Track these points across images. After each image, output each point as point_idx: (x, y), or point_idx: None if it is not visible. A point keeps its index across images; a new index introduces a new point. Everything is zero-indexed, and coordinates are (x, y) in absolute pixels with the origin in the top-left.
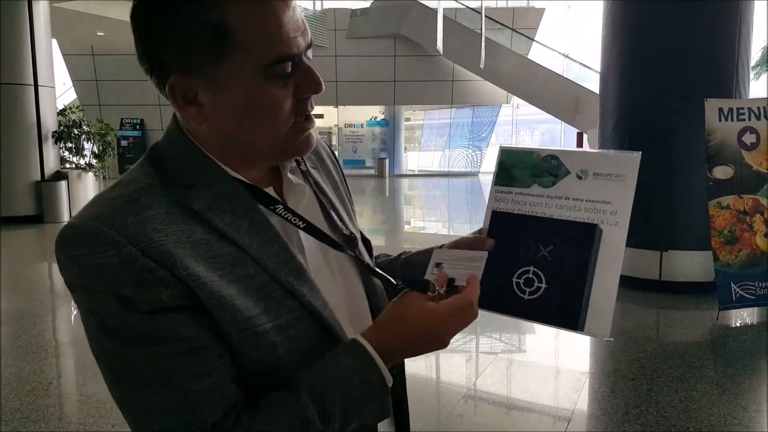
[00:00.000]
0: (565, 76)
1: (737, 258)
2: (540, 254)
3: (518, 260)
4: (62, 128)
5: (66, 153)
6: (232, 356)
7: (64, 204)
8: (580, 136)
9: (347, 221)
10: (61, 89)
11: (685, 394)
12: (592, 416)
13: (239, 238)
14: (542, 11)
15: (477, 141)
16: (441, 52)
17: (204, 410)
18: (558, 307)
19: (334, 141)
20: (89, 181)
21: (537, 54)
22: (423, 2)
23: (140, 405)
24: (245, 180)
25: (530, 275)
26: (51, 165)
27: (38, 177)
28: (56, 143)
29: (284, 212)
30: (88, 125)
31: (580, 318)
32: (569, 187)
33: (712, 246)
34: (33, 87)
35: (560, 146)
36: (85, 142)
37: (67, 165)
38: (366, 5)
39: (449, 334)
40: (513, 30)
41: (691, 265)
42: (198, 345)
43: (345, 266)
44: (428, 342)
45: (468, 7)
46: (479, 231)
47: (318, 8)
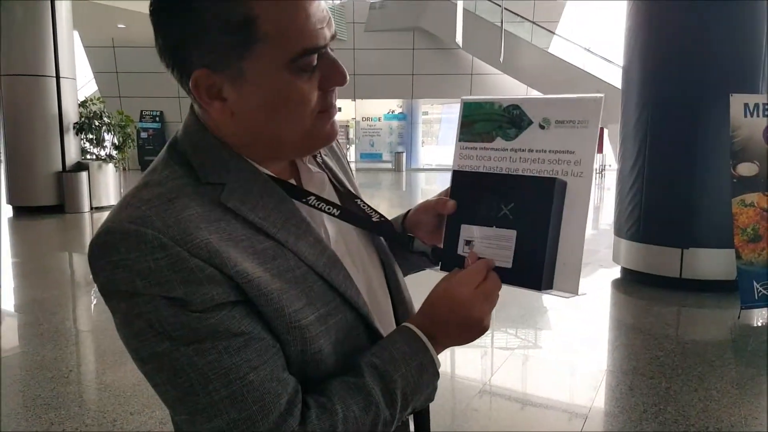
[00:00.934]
0: (586, 70)
1: (760, 256)
2: (501, 213)
3: (480, 221)
4: (83, 120)
5: (87, 144)
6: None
7: (85, 194)
8: (601, 131)
9: (365, 207)
10: (82, 81)
11: (705, 394)
12: (610, 414)
13: (276, 232)
14: (563, 4)
15: None
16: (460, 45)
17: (268, 399)
18: (520, 268)
19: (351, 134)
20: (109, 172)
21: (558, 47)
22: None
23: (204, 402)
24: (273, 174)
25: None
26: (72, 156)
27: (59, 168)
28: (77, 134)
29: (317, 202)
30: (109, 117)
31: (544, 277)
32: (532, 139)
33: (735, 244)
34: (55, 79)
35: None
36: (106, 134)
37: (88, 156)
38: None
39: (486, 317)
40: (533, 23)
41: (713, 263)
42: (252, 337)
43: (364, 255)
44: (470, 327)
45: (488, 0)
46: (445, 192)
47: (337, 1)
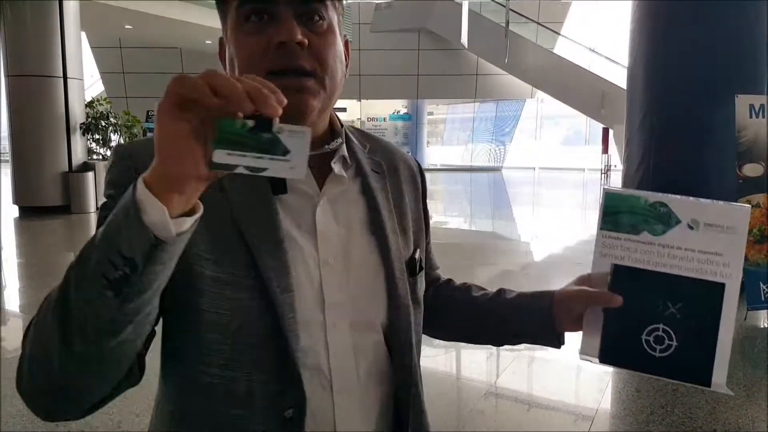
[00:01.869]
0: (591, 71)
1: (767, 257)
2: (669, 311)
3: (647, 317)
4: (90, 120)
5: (93, 144)
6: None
7: (91, 195)
8: (606, 132)
9: (395, 232)
10: (89, 81)
11: (712, 396)
12: (617, 416)
13: (229, 188)
14: (569, 5)
15: (500, 135)
16: (465, 46)
17: None
18: (691, 365)
19: None
20: None
21: (563, 48)
22: None
23: None
24: None
25: (660, 333)
26: (79, 156)
27: (66, 168)
28: (84, 135)
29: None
30: (115, 117)
31: (713, 374)
32: (681, 237)
33: None
34: (62, 79)
35: (585, 140)
36: (112, 134)
37: (94, 156)
38: None
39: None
40: (539, 24)
41: None
42: None
43: (371, 268)
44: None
45: (493, 0)
46: (587, 277)
47: (343, 2)
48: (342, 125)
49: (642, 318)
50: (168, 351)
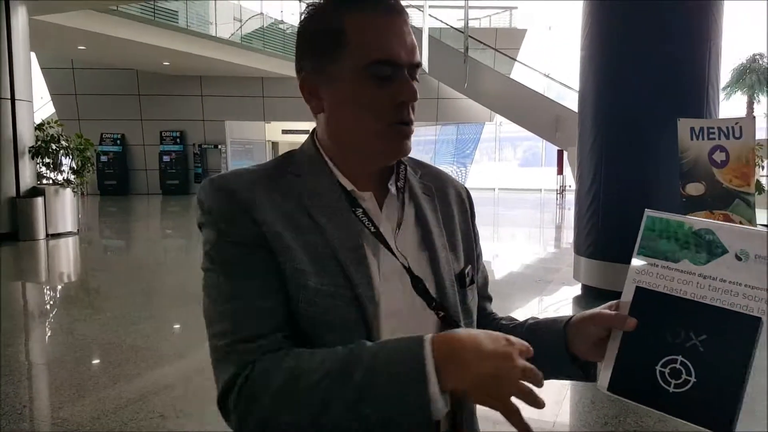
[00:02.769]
0: (546, 95)
1: None
2: (690, 343)
3: (664, 347)
4: (39, 143)
5: (43, 168)
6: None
7: (41, 221)
8: (561, 154)
9: (444, 248)
10: (39, 103)
11: None
12: (573, 427)
13: (319, 218)
14: (524, 32)
15: (461, 157)
16: (426, 71)
17: (253, 322)
18: (708, 407)
19: None
20: (67, 198)
21: (519, 73)
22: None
23: (214, 311)
24: (341, 178)
25: (678, 365)
26: (27, 181)
27: (13, 193)
28: (33, 158)
29: (361, 215)
30: (67, 140)
31: (734, 422)
32: (726, 269)
33: None
34: (10, 101)
35: (542, 161)
36: (64, 158)
37: (44, 181)
38: None
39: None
40: (496, 50)
41: None
42: (264, 272)
43: (429, 283)
44: (495, 356)
45: (452, 27)
46: (616, 303)
47: None
48: None
49: (659, 347)
50: None
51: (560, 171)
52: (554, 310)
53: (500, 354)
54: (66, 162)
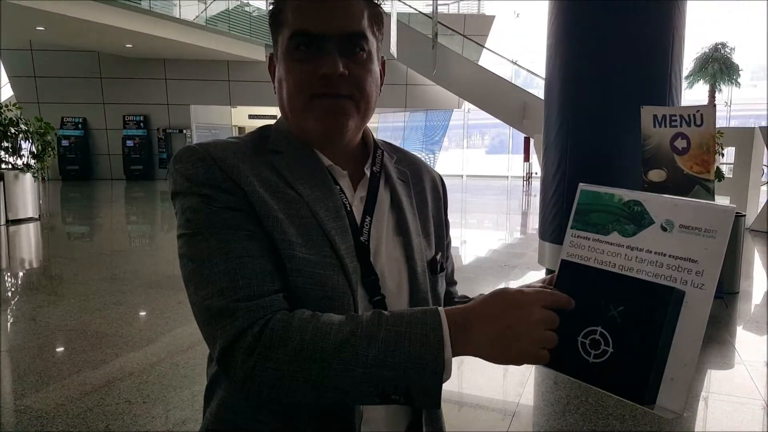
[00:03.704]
0: (514, 83)
1: None
2: (609, 314)
3: (587, 318)
4: None
5: (2, 153)
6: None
7: (0, 207)
8: (527, 141)
9: (418, 234)
10: None
11: None
12: (537, 407)
13: (300, 188)
14: (492, 18)
15: (430, 144)
16: (395, 56)
17: (254, 281)
18: (623, 376)
19: None
20: (27, 183)
21: (487, 60)
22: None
23: (205, 273)
24: (319, 154)
25: (597, 336)
26: None
27: None
28: None
29: (340, 191)
30: (26, 124)
31: (647, 392)
32: (652, 239)
33: None
34: None
35: (509, 149)
36: (23, 142)
37: (3, 166)
38: None
39: (534, 341)
40: (464, 36)
41: None
42: (256, 236)
43: (396, 264)
44: (514, 336)
45: (421, 13)
46: (550, 278)
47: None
48: (374, 139)
49: (582, 319)
50: None
51: (527, 158)
52: None
53: (516, 314)
54: (25, 146)
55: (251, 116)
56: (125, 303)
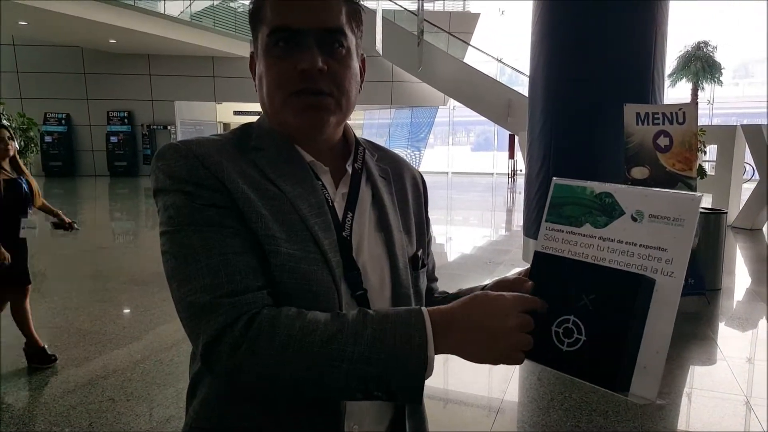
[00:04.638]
0: (498, 80)
1: None
2: (581, 302)
3: (560, 308)
4: None
5: None
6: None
7: None
8: (512, 138)
9: (399, 231)
10: None
11: None
12: (521, 403)
13: (283, 185)
14: (477, 16)
15: (416, 141)
16: (380, 53)
17: (237, 277)
18: (596, 364)
19: None
20: None
21: (472, 58)
22: (362, 3)
23: (189, 269)
24: (301, 151)
25: (570, 325)
26: None
27: None
28: None
29: (322, 187)
30: (9, 119)
31: (618, 379)
32: (622, 230)
33: None
34: None
35: (494, 146)
36: None
37: None
38: None
39: (512, 343)
40: (449, 34)
41: None
42: (240, 232)
43: (378, 260)
44: (493, 338)
45: (406, 10)
46: (525, 270)
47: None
48: (355, 136)
49: (556, 309)
50: None
51: (512, 155)
52: None
53: (495, 320)
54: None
55: (236, 113)
56: (109, 300)
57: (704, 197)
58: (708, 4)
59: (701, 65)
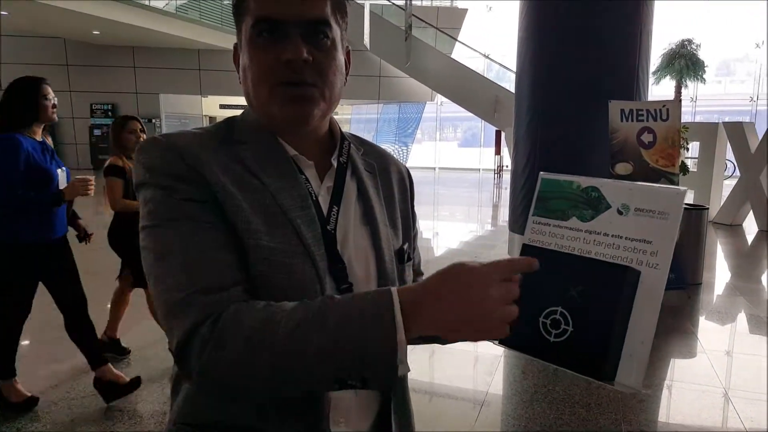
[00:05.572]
0: (486, 76)
1: None
2: (569, 294)
3: (547, 299)
4: None
5: None
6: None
7: None
8: (498, 134)
9: (385, 225)
10: None
11: None
12: (505, 396)
13: (265, 178)
14: (465, 12)
15: (403, 136)
16: (368, 48)
17: (213, 274)
18: (583, 354)
19: None
20: None
21: (460, 54)
22: None
23: (165, 266)
24: (284, 144)
25: (557, 316)
26: None
27: None
28: None
29: (305, 181)
30: None
31: (605, 368)
32: (609, 223)
33: None
34: None
35: (481, 142)
36: None
37: None
38: None
39: (495, 313)
40: (437, 29)
41: None
42: (217, 227)
43: (364, 253)
44: (471, 309)
45: (394, 4)
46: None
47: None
48: (341, 130)
49: (543, 300)
50: None
51: (498, 151)
52: None
53: (473, 290)
54: None
55: (222, 106)
56: (93, 295)
57: (687, 192)
58: (693, 4)
59: (685, 63)
